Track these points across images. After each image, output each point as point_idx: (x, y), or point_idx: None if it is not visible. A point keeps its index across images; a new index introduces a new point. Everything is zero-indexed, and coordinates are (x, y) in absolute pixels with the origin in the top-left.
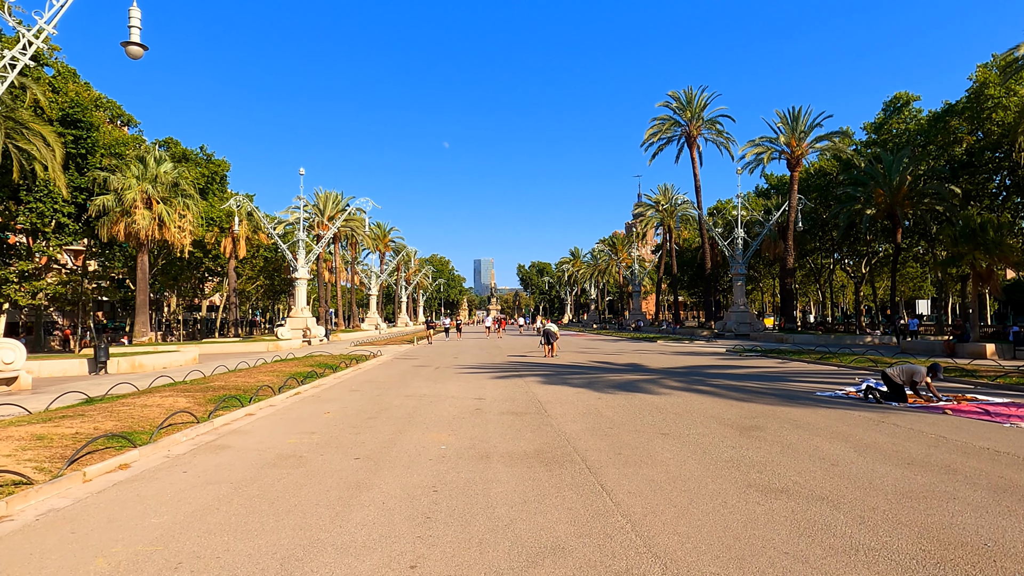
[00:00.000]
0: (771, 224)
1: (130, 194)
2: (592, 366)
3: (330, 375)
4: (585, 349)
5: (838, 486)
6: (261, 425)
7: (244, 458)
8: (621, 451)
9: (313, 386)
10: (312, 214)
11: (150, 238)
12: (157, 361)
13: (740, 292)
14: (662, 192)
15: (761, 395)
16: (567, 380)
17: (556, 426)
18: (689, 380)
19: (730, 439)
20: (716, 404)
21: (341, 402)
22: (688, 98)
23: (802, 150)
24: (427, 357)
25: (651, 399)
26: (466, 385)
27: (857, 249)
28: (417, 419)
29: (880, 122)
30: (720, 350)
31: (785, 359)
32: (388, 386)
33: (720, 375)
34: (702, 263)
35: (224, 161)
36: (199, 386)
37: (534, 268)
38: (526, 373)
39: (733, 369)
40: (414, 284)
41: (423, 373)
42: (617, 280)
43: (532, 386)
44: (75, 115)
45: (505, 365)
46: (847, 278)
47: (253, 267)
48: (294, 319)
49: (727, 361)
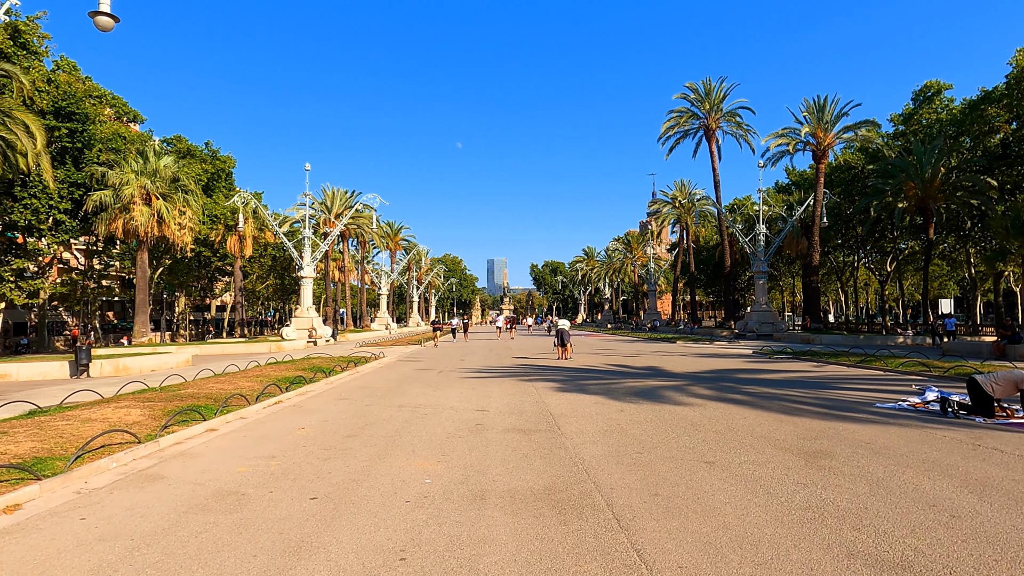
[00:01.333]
0: (794, 219)
1: (128, 189)
2: (609, 370)
3: (321, 380)
4: (600, 350)
5: (984, 558)
6: (217, 445)
7: (172, 496)
8: (658, 490)
9: (298, 393)
10: (319, 211)
11: (149, 235)
12: (145, 363)
13: (762, 291)
14: (679, 188)
15: (810, 407)
16: (583, 387)
17: (572, 449)
18: (720, 387)
19: (796, 471)
20: (761, 419)
21: (323, 414)
22: (707, 89)
23: (828, 141)
24: (432, 359)
25: (682, 412)
26: (469, 393)
27: (882, 246)
28: (404, 439)
29: (909, 112)
30: (745, 352)
31: (820, 362)
32: (382, 393)
33: (753, 381)
34: (720, 261)
35: (230, 157)
36: (169, 394)
37: (547, 267)
38: (537, 378)
39: (766, 374)
40: (426, 284)
41: (424, 378)
42: (632, 279)
43: (543, 394)
44: (68, 107)
45: (514, 368)
46: (870, 276)
47: (261, 266)
48: (299, 319)
49: (756, 364)
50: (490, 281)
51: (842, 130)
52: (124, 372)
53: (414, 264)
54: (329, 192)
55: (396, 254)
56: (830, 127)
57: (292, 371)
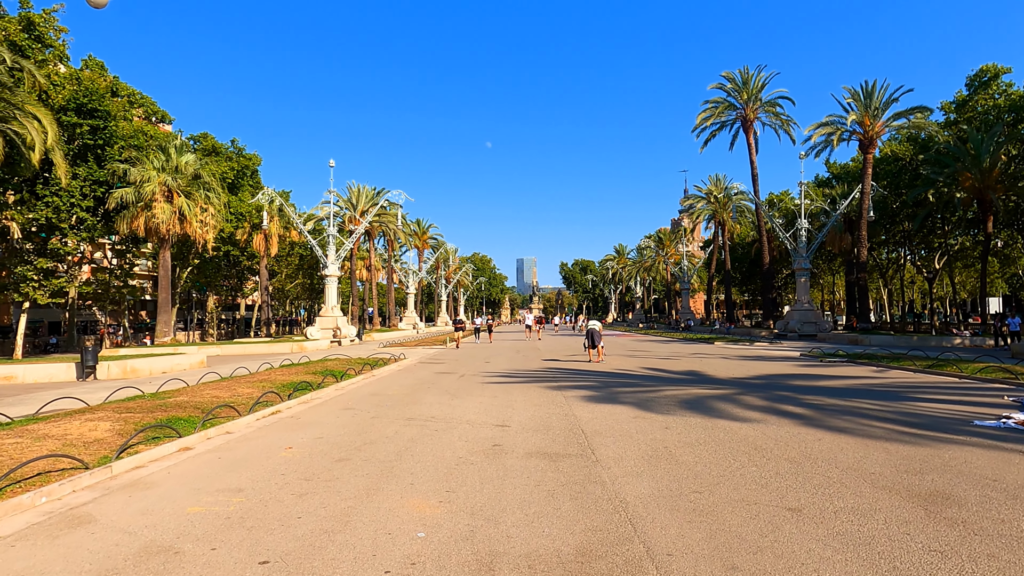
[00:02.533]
0: (839, 214)
1: (149, 186)
2: (646, 375)
3: (331, 386)
4: (634, 352)
5: None
6: (182, 472)
7: (85, 553)
8: (735, 560)
9: (301, 402)
10: (344, 209)
11: (171, 233)
12: (156, 365)
13: (803, 288)
14: (713, 182)
15: (893, 425)
16: (617, 395)
17: (610, 485)
18: (775, 396)
19: (918, 528)
20: (840, 442)
21: (319, 428)
22: (744, 79)
23: (876, 129)
24: (454, 362)
25: (740, 430)
26: (490, 402)
27: (931, 241)
28: (405, 464)
29: (962, 99)
30: (791, 354)
31: (880, 366)
32: (393, 402)
33: (811, 389)
34: (756, 258)
35: (255, 155)
36: (157, 402)
37: (577, 266)
38: (566, 384)
39: (822, 380)
40: (454, 282)
41: (443, 383)
42: (664, 277)
43: (573, 404)
44: (90, 104)
45: (542, 373)
46: (915, 273)
47: (289, 265)
48: (323, 318)
49: (808, 368)
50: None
51: (892, 117)
52: (132, 374)
53: (442, 263)
54: (354, 189)
55: (424, 253)
56: (879, 114)
57: (303, 375)
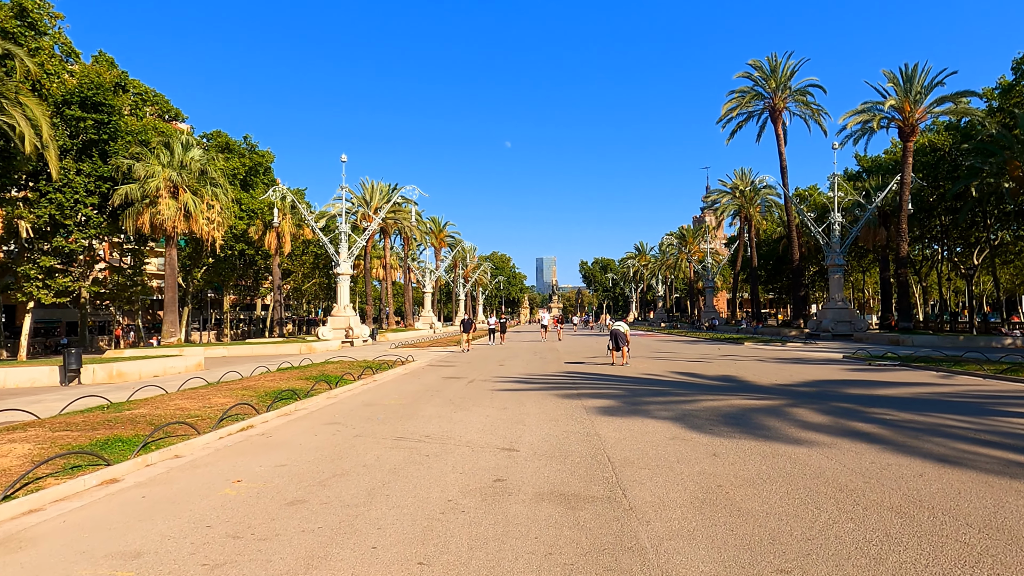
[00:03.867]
0: (874, 207)
1: (153, 182)
2: (676, 380)
3: (322, 393)
4: (659, 353)
5: None
6: (81, 520)
7: None
8: None
9: (281, 414)
10: (357, 206)
11: (177, 230)
12: (148, 368)
13: (837, 285)
14: (739, 176)
15: (1001, 451)
16: (647, 407)
17: (653, 555)
18: (834, 409)
19: None
20: (951, 479)
21: (286, 452)
22: (772, 66)
23: (918, 115)
24: (466, 365)
25: (809, 458)
26: (497, 416)
27: (970, 235)
28: (373, 513)
29: (1007, 85)
30: (832, 355)
31: (943, 371)
32: (386, 415)
33: (871, 399)
34: (783, 255)
35: (268, 152)
36: (106, 416)
37: (597, 265)
38: (587, 392)
39: (881, 388)
40: (472, 281)
41: (449, 391)
42: (687, 275)
43: (596, 420)
44: (95, 97)
45: (560, 378)
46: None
47: (303, 264)
48: (335, 318)
49: (859, 374)
50: (539, 279)
51: (935, 102)
52: (118, 378)
53: (460, 261)
54: (368, 186)
55: (441, 251)
56: (921, 98)
57: (295, 380)
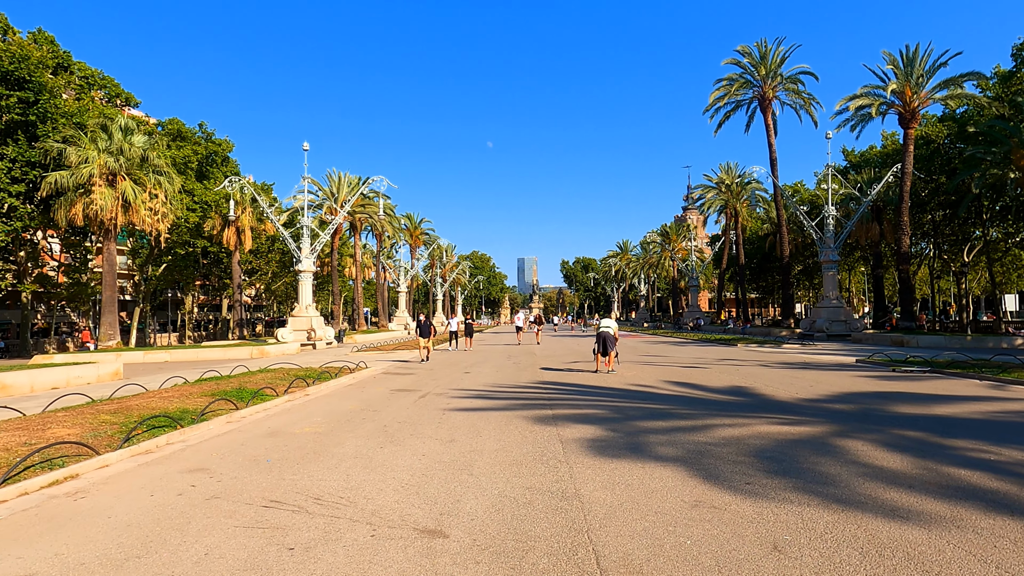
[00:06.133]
0: (869, 200)
1: (87, 168)
2: (675, 394)
3: (221, 416)
4: (647, 357)
5: None
6: None
7: None
8: None
9: (135, 453)
10: (324, 198)
11: (115, 222)
12: (43, 379)
13: (832, 283)
14: (725, 171)
15: None
16: (644, 436)
17: None
18: (901, 441)
19: None
20: None
21: (67, 537)
22: (762, 53)
23: (921, 99)
24: (426, 373)
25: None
26: (439, 455)
27: (967, 231)
28: None
29: (1006, 74)
30: (842, 359)
31: (991, 380)
32: (282, 455)
33: (940, 423)
34: (768, 253)
35: (227, 141)
36: None
37: (578, 264)
38: (565, 411)
39: (935, 405)
40: (450, 281)
41: (389, 411)
42: (670, 274)
43: (576, 464)
44: (17, 72)
45: (533, 391)
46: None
47: (269, 261)
48: (296, 319)
49: (890, 383)
50: (520, 280)
51: (938, 86)
52: (1, 392)
53: (437, 260)
54: (335, 178)
55: (417, 250)
56: (923, 81)
57: (198, 397)
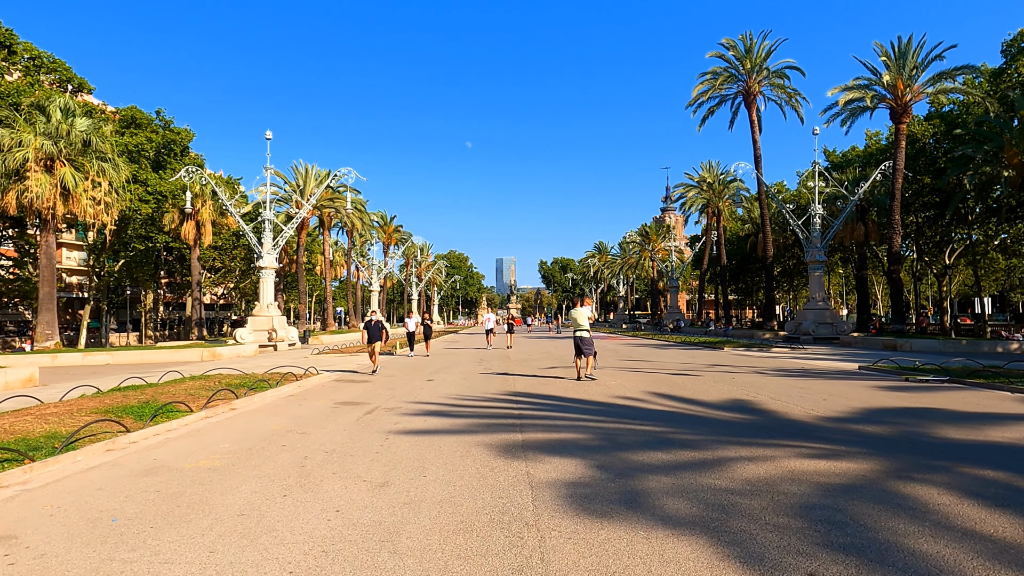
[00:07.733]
0: (856, 198)
1: (21, 152)
2: (669, 410)
3: (101, 442)
4: (631, 362)
5: None
6: None
7: None
8: None
9: None
10: (290, 191)
11: (53, 211)
12: None
13: (818, 284)
14: (706, 169)
15: None
16: (641, 480)
17: None
18: (983, 485)
19: None
20: None
21: None
22: (747, 46)
23: (913, 93)
24: (383, 381)
25: None
26: (360, 512)
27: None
28: None
29: (996, 71)
30: (843, 365)
31: (1020, 392)
32: (132, 516)
33: (1005, 452)
34: (749, 253)
35: (187, 130)
36: None
37: (557, 265)
38: (538, 436)
39: (984, 426)
40: (426, 280)
41: (319, 433)
42: (649, 275)
43: (550, 534)
44: None
45: (502, 405)
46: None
47: (234, 258)
48: (257, 318)
49: (913, 397)
50: (499, 280)
51: (931, 79)
52: None
53: (411, 259)
54: (301, 170)
55: (391, 248)
56: (917, 73)
57: (85, 415)
